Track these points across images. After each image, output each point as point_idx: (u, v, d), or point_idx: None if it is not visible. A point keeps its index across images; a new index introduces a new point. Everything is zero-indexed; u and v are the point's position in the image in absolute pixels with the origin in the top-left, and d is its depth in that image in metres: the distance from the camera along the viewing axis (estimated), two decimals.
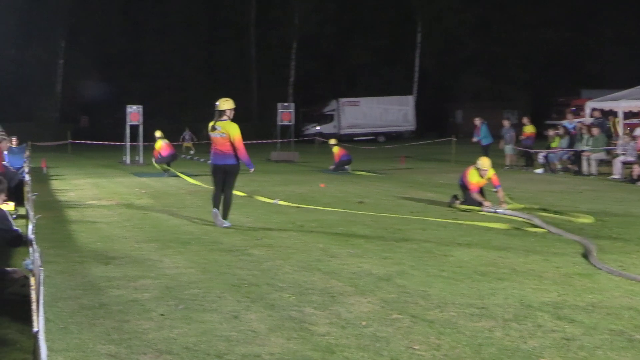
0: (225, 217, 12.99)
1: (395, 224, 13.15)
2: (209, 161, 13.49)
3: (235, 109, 13.13)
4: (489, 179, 15.58)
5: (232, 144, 12.76)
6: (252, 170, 13.25)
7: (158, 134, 26.98)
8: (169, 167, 25.07)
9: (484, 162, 15.62)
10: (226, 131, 12.74)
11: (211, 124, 13.00)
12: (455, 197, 16.08)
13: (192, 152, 40.90)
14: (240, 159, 12.89)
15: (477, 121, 29.53)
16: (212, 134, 12.97)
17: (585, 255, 9.94)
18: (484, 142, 28.74)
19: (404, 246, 10.81)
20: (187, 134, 43.36)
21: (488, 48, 66.62)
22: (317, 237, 11.67)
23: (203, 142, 39.92)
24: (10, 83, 59.45)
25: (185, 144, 42.80)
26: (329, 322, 6.73)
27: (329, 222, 13.35)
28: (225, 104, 13.00)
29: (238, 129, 12.82)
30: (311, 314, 7.00)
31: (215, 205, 13.04)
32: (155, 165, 26.04)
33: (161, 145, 26.05)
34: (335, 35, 67.09)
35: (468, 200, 15.46)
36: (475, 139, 29.50)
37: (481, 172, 15.49)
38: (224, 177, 12.98)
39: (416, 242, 11.13)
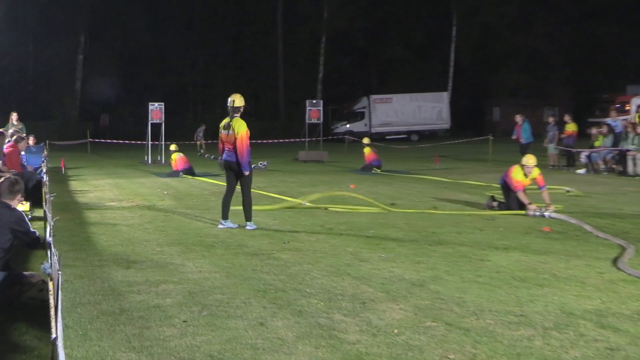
0: (247, 218, 13.06)
1: (429, 226, 13.11)
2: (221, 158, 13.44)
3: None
4: (534, 179, 15.30)
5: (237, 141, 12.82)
6: (247, 173, 12.92)
7: (173, 147, 26.94)
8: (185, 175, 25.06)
9: (530, 159, 15.31)
10: (236, 128, 12.78)
11: (225, 121, 12.99)
12: (493, 198, 15.94)
13: (202, 150, 40.55)
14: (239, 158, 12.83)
15: (519, 118, 29.20)
16: (224, 132, 12.98)
17: (616, 259, 9.91)
18: (525, 140, 28.45)
19: (439, 250, 10.77)
20: (201, 131, 43.27)
21: (528, 42, 66.16)
22: (347, 241, 11.66)
23: (216, 141, 39.83)
24: (29, 80, 60.11)
25: (199, 142, 42.67)
26: (360, 330, 6.72)
27: (359, 225, 13.34)
28: (240, 100, 13.04)
29: (245, 126, 12.85)
30: (341, 321, 7.00)
31: (224, 215, 13.19)
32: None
33: (175, 159, 25.95)
34: (366, 30, 67.05)
35: (511, 202, 15.24)
36: (515, 137, 29.16)
37: (526, 170, 15.17)
38: (236, 177, 13.05)
39: (451, 246, 11.09)
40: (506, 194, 15.54)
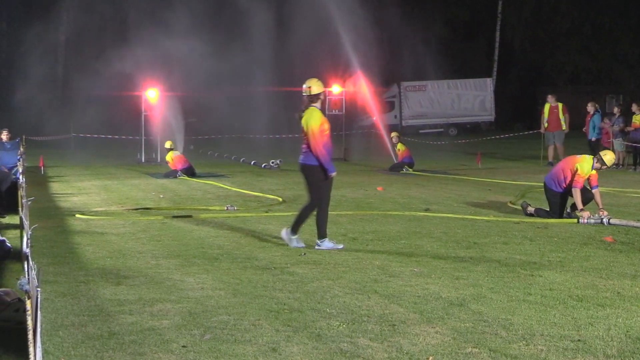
0: (294, 230, 12.29)
1: (470, 236, 13.11)
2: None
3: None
4: (589, 175, 15.05)
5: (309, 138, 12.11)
6: (333, 174, 12.14)
7: (168, 144, 26.83)
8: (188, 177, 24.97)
9: (611, 156, 15.33)
10: (305, 121, 12.16)
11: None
12: (528, 204, 15.86)
13: (191, 147, 40.25)
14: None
15: (590, 107, 28.69)
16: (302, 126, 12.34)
17: None
18: (594, 136, 27.87)
19: (481, 264, 10.77)
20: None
21: (590, 17, 65.72)
22: (374, 252, 11.68)
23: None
24: (2, 64, 60.16)
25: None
26: (388, 357, 6.74)
27: (388, 234, 13.35)
28: (318, 87, 12.29)
29: (318, 118, 12.08)
30: (366, 347, 7.02)
31: (320, 234, 12.24)
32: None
33: (173, 158, 25.84)
34: (396, 4, 66.78)
35: (558, 203, 15.14)
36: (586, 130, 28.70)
37: (602, 168, 15.10)
38: (307, 183, 12.34)
39: (496, 259, 11.09)
40: (551, 198, 15.32)
